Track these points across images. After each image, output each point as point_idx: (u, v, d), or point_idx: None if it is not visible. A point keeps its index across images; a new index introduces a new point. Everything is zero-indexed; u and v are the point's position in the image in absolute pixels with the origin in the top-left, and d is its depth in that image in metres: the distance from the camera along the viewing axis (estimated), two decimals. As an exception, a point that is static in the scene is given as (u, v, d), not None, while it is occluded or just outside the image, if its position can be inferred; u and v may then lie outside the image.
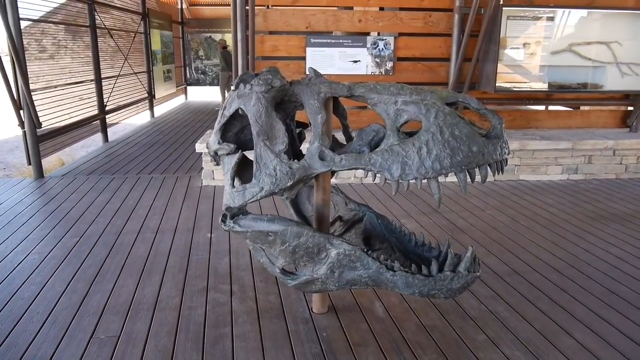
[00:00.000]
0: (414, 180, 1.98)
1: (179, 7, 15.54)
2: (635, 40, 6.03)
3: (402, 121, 2.05)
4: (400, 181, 1.99)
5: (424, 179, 1.96)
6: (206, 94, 16.40)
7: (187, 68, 16.33)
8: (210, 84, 16.70)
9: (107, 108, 8.45)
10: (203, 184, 5.53)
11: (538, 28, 5.84)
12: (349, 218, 2.80)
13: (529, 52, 5.92)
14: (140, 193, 5.21)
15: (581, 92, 6.25)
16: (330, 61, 5.81)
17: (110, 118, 8.66)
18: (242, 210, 2.34)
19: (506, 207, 4.90)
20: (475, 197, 5.19)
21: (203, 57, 16.69)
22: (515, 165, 5.85)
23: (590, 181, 5.92)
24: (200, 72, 16.73)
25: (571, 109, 7.08)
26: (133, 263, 3.46)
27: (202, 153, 5.53)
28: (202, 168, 5.58)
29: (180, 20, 15.52)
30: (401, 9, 5.92)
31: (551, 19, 5.84)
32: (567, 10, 5.85)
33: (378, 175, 2.06)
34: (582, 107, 7.01)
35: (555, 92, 6.18)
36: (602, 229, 4.29)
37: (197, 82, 16.74)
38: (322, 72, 5.76)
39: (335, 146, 2.43)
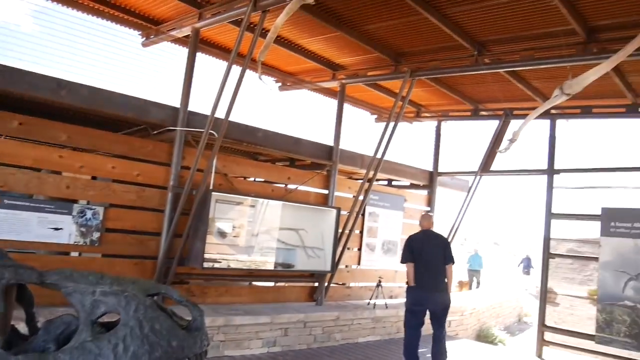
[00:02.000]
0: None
1: None
2: (316, 229, 7.33)
3: (98, 313, 1.94)
4: (89, 384, 1.80)
5: (118, 379, 1.82)
6: None
7: None
8: None
9: None
10: None
11: (243, 212, 6.58)
12: None
13: (235, 233, 6.51)
14: None
15: (278, 271, 7.05)
16: (27, 226, 5.20)
17: None
18: None
19: (210, 387, 4.81)
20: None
21: None
22: (221, 342, 5.93)
23: (287, 353, 6.40)
24: None
25: (271, 285, 7.84)
26: None
27: None
28: None
29: None
30: (115, 180, 5.90)
31: (253, 205, 6.68)
32: (265, 200, 6.82)
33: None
34: (279, 283, 7.84)
35: (257, 270, 6.81)
36: (296, 403, 4.58)
37: None
38: (16, 237, 5.07)
39: (15, 340, 2.08)
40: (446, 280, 5.60)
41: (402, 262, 5.75)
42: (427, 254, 5.57)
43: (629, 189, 8.00)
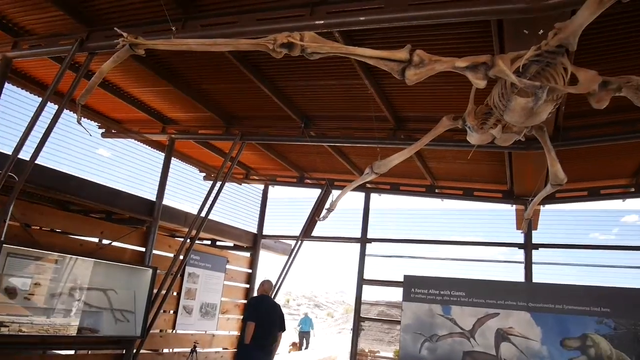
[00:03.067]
0: None
1: None
2: (128, 290, 6.74)
3: None
4: None
5: None
6: None
7: None
8: None
9: None
10: None
11: (43, 269, 5.75)
12: None
13: (31, 291, 5.64)
14: None
15: (77, 337, 6.22)
16: None
17: None
18: None
19: None
20: None
21: None
22: None
23: None
24: None
25: (71, 353, 6.87)
26: None
27: None
28: None
29: None
30: None
31: (57, 261, 5.90)
32: (72, 256, 6.09)
33: None
34: (80, 351, 6.92)
35: (52, 337, 5.93)
36: None
37: None
38: None
39: None
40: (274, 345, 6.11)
41: (247, 320, 5.99)
42: (266, 317, 5.96)
43: (427, 259, 9.10)
